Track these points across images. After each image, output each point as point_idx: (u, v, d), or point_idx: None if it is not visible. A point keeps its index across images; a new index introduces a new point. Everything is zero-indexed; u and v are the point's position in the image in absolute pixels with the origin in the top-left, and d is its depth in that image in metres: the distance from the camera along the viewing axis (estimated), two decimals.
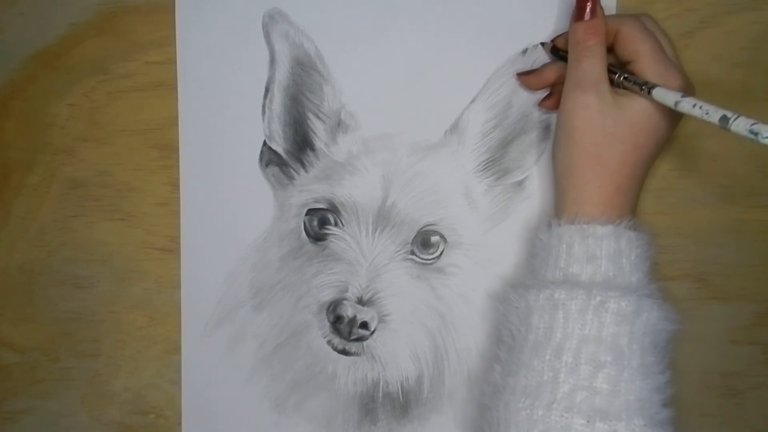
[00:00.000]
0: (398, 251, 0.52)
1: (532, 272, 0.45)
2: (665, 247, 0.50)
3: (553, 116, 0.51)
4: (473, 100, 0.51)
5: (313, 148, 0.54)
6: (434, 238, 0.52)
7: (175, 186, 0.56)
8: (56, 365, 0.59)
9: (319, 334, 0.53)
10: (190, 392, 0.57)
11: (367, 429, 0.54)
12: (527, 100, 0.51)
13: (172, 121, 0.55)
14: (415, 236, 0.52)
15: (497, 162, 0.52)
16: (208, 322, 0.56)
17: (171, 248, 0.56)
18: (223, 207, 0.55)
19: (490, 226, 0.52)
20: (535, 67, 0.50)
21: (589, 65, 0.43)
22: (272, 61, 0.53)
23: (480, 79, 0.51)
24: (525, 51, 0.51)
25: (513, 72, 0.51)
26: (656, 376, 0.41)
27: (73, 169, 0.58)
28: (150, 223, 0.57)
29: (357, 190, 0.52)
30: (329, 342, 0.53)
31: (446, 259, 0.52)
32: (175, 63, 0.55)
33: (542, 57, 0.50)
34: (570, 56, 0.45)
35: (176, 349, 0.57)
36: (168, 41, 0.55)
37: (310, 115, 0.54)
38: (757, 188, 0.50)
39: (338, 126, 0.53)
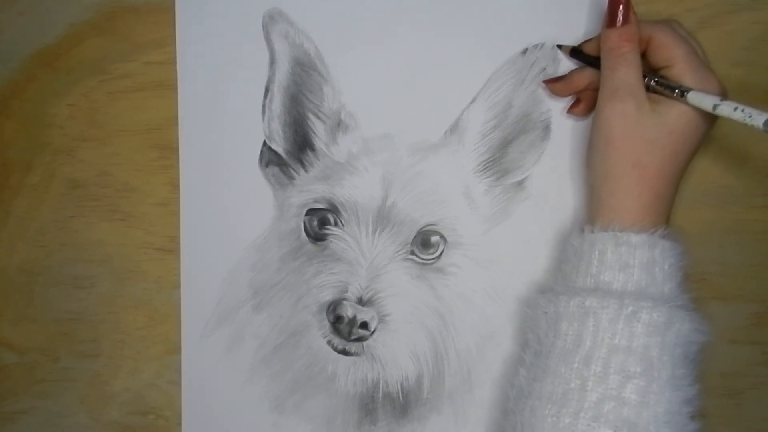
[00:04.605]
0: (398, 251, 0.52)
1: (563, 278, 0.45)
2: None
3: (554, 116, 0.51)
4: (473, 100, 0.51)
5: (313, 148, 0.54)
6: (434, 238, 0.52)
7: (175, 186, 0.56)
8: (56, 365, 0.59)
9: (318, 334, 0.53)
10: (190, 392, 0.56)
11: (367, 429, 0.54)
12: (527, 100, 0.51)
13: (172, 121, 0.55)
14: (415, 236, 0.52)
15: (497, 162, 0.52)
16: (208, 323, 0.56)
17: (171, 248, 0.56)
18: (223, 207, 0.55)
19: (490, 226, 0.52)
20: (534, 67, 0.50)
21: (625, 73, 0.43)
22: (272, 61, 0.53)
23: (480, 79, 0.51)
24: (525, 51, 0.51)
25: (513, 72, 0.51)
26: (686, 389, 0.41)
27: (73, 169, 0.58)
28: (150, 223, 0.57)
29: (357, 190, 0.52)
30: (329, 342, 0.53)
31: (446, 259, 0.52)
32: (175, 63, 0.55)
33: (542, 57, 0.50)
34: (604, 63, 0.44)
35: (176, 350, 0.57)
36: (168, 41, 0.55)
37: (310, 115, 0.54)
38: (757, 188, 0.50)
39: (338, 126, 0.53)
